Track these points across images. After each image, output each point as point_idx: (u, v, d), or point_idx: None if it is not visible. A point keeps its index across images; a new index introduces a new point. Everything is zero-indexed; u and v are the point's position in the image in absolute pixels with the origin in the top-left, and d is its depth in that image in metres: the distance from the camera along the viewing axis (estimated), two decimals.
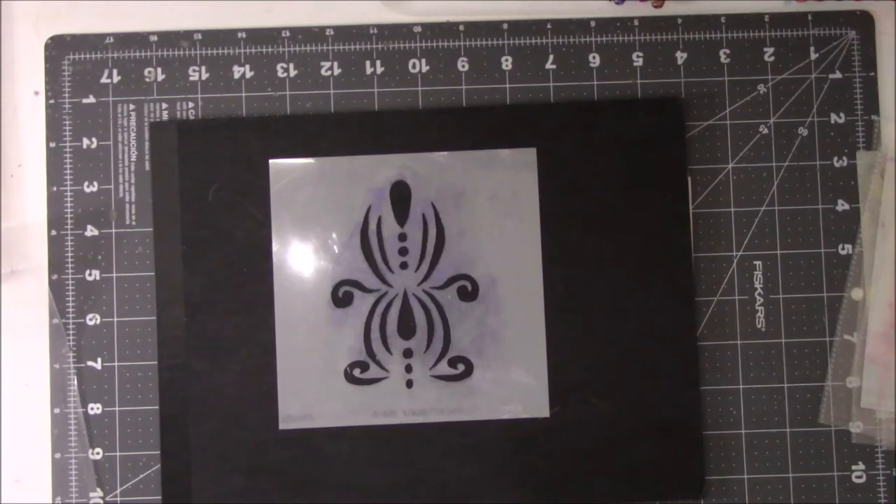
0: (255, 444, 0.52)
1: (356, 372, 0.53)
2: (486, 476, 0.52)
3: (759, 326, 0.54)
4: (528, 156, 0.53)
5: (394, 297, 0.53)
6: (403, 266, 0.53)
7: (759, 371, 0.54)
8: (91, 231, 0.54)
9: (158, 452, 0.52)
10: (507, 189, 0.53)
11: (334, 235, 0.53)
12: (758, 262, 0.54)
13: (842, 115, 0.55)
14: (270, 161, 0.53)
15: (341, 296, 0.53)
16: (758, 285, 0.54)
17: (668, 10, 0.56)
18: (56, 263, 0.54)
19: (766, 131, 0.55)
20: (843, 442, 0.54)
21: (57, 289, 0.54)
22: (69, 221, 0.54)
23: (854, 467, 0.53)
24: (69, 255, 0.54)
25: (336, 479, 0.52)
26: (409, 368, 0.53)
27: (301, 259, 0.53)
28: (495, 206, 0.53)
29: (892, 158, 0.55)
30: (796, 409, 0.54)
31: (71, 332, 0.54)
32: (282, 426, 0.52)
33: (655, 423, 0.52)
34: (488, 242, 0.53)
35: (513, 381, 0.53)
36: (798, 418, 0.54)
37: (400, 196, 0.53)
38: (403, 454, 0.52)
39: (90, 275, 0.54)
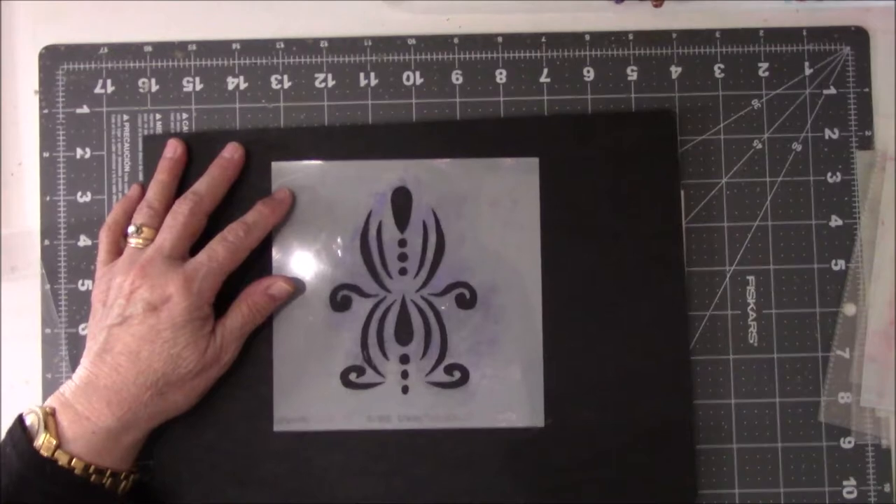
0: (248, 447, 0.52)
1: (352, 376, 0.53)
2: (478, 485, 0.52)
3: (751, 341, 0.54)
4: (531, 165, 0.53)
5: (392, 303, 0.53)
6: (402, 272, 0.53)
7: (752, 386, 0.54)
8: (84, 241, 0.54)
9: (151, 462, 0.52)
10: (509, 198, 0.53)
11: (335, 239, 0.53)
12: (751, 277, 0.54)
13: (836, 130, 0.55)
14: (273, 163, 0.53)
15: (340, 300, 0.53)
16: (750, 300, 0.54)
17: (663, 24, 0.56)
18: (49, 273, 0.54)
19: (759, 146, 0.55)
20: (835, 457, 0.54)
21: (49, 298, 0.54)
22: (62, 231, 0.54)
23: (845, 482, 0.54)
24: (62, 264, 0.54)
25: (329, 485, 0.52)
26: (405, 374, 0.53)
27: (301, 262, 0.53)
28: (496, 215, 0.53)
29: (891, 157, 0.55)
30: (788, 424, 0.54)
31: (63, 341, 0.54)
32: (276, 428, 0.52)
33: (648, 437, 0.52)
34: (488, 250, 0.53)
35: (509, 389, 0.53)
36: (790, 433, 0.54)
37: (401, 202, 0.53)
38: (397, 461, 0.52)
39: (83, 285, 0.54)
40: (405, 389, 0.53)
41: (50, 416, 0.47)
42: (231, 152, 0.53)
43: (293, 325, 0.53)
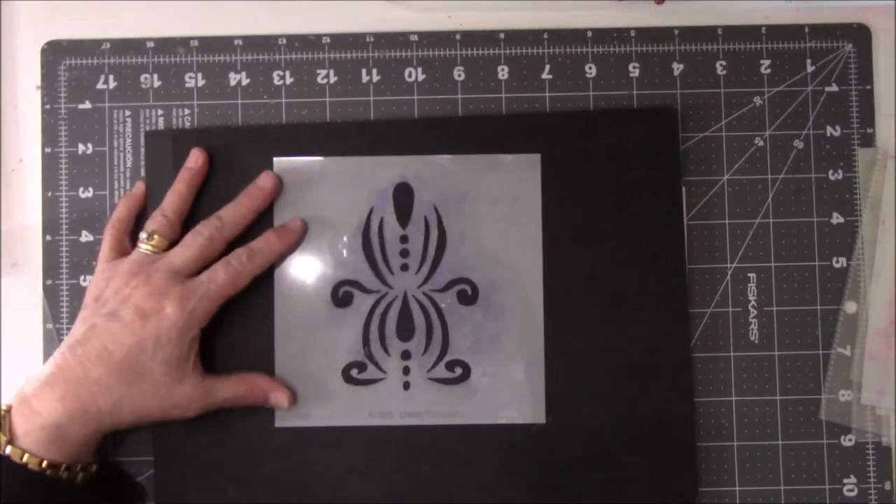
0: (250, 443, 0.52)
1: (354, 372, 0.53)
2: (479, 484, 0.52)
3: (752, 338, 0.54)
4: (532, 161, 0.53)
5: (393, 299, 0.53)
6: (404, 268, 0.53)
7: (752, 383, 0.54)
8: (86, 237, 0.54)
9: (152, 459, 0.53)
10: (510, 194, 0.53)
11: (336, 235, 0.53)
12: (752, 274, 0.54)
13: (837, 128, 0.55)
14: (275, 159, 0.53)
15: (341, 296, 0.53)
16: (751, 297, 0.54)
17: (665, 21, 0.56)
18: (50, 268, 0.54)
19: (761, 143, 0.55)
20: (836, 455, 0.54)
21: (51, 294, 0.54)
22: (64, 227, 0.54)
23: (846, 480, 0.54)
24: (63, 260, 0.54)
25: (330, 483, 0.52)
26: (406, 370, 0.53)
27: (302, 258, 0.53)
28: (497, 211, 0.53)
29: (892, 154, 0.55)
30: (788, 421, 0.54)
31: (64, 337, 0.54)
32: (278, 423, 0.52)
33: (649, 434, 0.52)
34: (489, 247, 0.53)
35: (510, 386, 0.53)
36: (790, 431, 0.54)
37: (403, 198, 0.53)
38: (398, 458, 0.52)
39: (84, 280, 0.54)
40: (406, 385, 0.53)
41: (6, 413, 0.47)
42: (265, 182, 0.52)
43: (295, 321, 0.53)
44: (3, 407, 0.47)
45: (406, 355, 0.53)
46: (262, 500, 0.52)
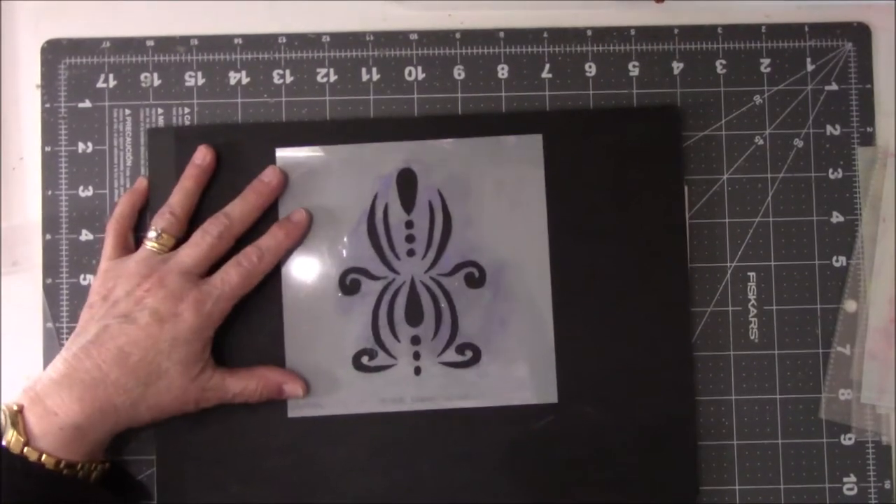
0: (259, 437, 0.52)
1: (364, 359, 0.53)
2: (480, 481, 0.52)
3: (752, 337, 0.54)
4: (534, 142, 0.53)
5: (401, 285, 0.53)
6: (410, 253, 0.53)
7: (752, 382, 0.54)
8: (86, 235, 0.54)
9: (154, 457, 0.53)
10: (513, 176, 0.53)
11: (342, 223, 0.53)
12: (752, 273, 0.54)
13: (837, 126, 0.55)
14: (277, 151, 0.53)
15: (349, 283, 0.53)
16: (751, 296, 0.54)
17: (665, 19, 0.56)
18: (50, 267, 0.54)
19: (761, 142, 0.55)
20: (836, 454, 0.54)
21: (51, 293, 0.54)
22: (64, 225, 0.54)
23: (846, 479, 0.54)
24: (63, 258, 0.54)
25: (334, 478, 0.52)
26: (416, 355, 0.53)
27: (309, 248, 0.53)
28: (501, 193, 0.53)
29: (892, 153, 0.55)
30: (788, 420, 0.54)
31: (64, 336, 0.54)
32: (290, 414, 0.52)
33: (649, 433, 0.52)
34: (495, 229, 0.53)
35: (521, 366, 0.53)
36: (790, 429, 0.54)
37: (406, 184, 0.53)
38: (401, 453, 0.52)
39: (84, 279, 0.54)
40: (417, 371, 0.53)
41: (18, 414, 0.46)
42: (270, 177, 0.52)
43: (304, 311, 0.53)
44: (14, 406, 0.47)
45: (416, 340, 0.53)
46: (264, 497, 0.52)
